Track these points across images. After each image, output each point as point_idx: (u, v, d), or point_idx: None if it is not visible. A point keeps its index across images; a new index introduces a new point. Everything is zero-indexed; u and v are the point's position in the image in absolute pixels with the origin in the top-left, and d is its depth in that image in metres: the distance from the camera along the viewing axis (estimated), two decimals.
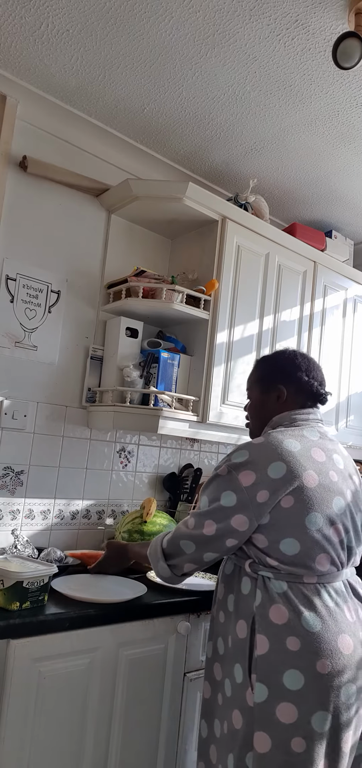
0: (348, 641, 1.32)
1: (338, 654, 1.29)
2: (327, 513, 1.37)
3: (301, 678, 1.27)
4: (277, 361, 1.62)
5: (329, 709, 1.27)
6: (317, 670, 1.28)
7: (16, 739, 1.40)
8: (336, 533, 1.38)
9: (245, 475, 1.37)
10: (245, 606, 1.38)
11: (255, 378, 1.64)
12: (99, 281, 2.33)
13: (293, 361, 1.59)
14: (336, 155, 2.31)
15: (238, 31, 1.70)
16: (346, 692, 1.30)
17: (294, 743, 1.26)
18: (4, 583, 1.47)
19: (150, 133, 2.30)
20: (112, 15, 1.70)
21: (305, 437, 1.45)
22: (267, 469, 1.36)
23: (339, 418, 2.73)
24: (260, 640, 1.32)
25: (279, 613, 1.32)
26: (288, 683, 1.28)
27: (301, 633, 1.29)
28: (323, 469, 1.41)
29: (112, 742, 1.59)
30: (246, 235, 2.34)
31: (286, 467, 1.36)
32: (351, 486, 1.48)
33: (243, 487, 1.36)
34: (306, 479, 1.36)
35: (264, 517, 1.35)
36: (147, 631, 1.67)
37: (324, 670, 1.28)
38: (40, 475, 2.14)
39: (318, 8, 1.58)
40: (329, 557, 1.37)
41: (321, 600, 1.33)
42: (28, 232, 2.13)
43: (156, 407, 2.07)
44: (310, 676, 1.27)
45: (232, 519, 1.36)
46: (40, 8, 1.70)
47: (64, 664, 1.49)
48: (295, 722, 1.26)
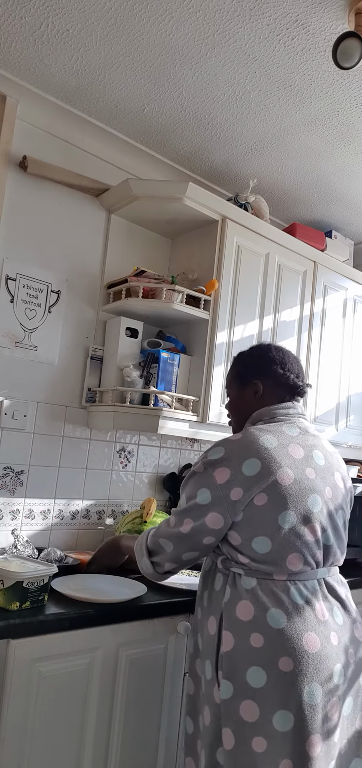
0: (314, 640, 1.29)
1: (302, 652, 1.27)
2: (301, 511, 1.35)
3: (264, 675, 1.26)
4: (252, 356, 1.62)
5: (291, 708, 1.24)
6: (279, 668, 1.25)
7: (16, 739, 1.40)
8: (311, 532, 1.36)
9: (220, 472, 1.36)
10: (216, 602, 1.39)
11: (232, 375, 1.64)
12: (99, 281, 2.33)
13: (267, 354, 1.59)
14: (336, 155, 2.31)
15: (238, 31, 1.70)
16: (310, 692, 1.25)
17: (255, 742, 1.25)
18: (4, 583, 1.47)
19: (150, 133, 2.30)
20: (112, 15, 1.70)
21: (283, 433, 1.44)
22: (241, 466, 1.35)
23: (339, 418, 2.73)
24: (226, 636, 1.32)
25: (245, 609, 1.31)
26: (252, 680, 1.27)
27: (265, 630, 1.28)
28: (300, 466, 1.39)
29: (112, 742, 1.59)
30: (246, 235, 2.34)
31: (261, 464, 1.35)
32: (333, 483, 1.45)
33: (218, 485, 1.35)
34: (280, 477, 1.34)
35: (238, 514, 1.34)
36: (147, 631, 1.67)
37: (286, 668, 1.25)
38: (40, 475, 2.14)
39: (318, 8, 1.58)
40: (302, 557, 1.34)
41: (289, 597, 1.31)
42: (28, 232, 2.13)
43: (156, 407, 2.07)
44: (273, 673, 1.26)
45: (207, 517, 1.36)
46: (40, 8, 1.70)
47: (64, 664, 1.49)
48: (257, 721, 1.25)
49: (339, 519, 1.45)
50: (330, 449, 1.53)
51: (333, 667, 1.30)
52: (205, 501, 1.36)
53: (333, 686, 1.30)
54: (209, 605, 1.42)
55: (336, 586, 1.42)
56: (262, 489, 1.33)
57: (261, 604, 1.30)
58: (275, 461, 1.36)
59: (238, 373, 1.62)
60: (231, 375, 1.65)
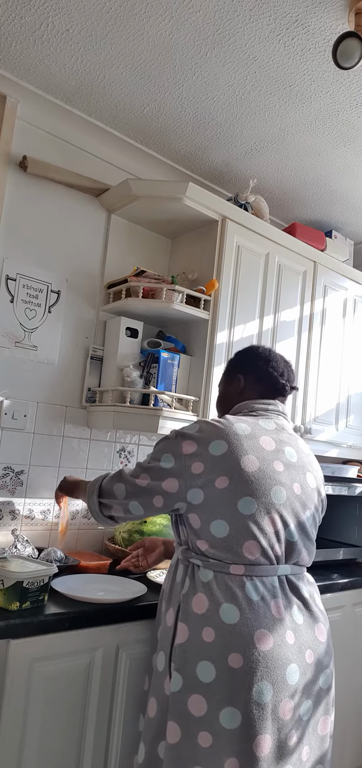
0: (267, 637, 1.27)
1: (253, 649, 1.25)
2: (263, 501, 1.34)
3: (213, 670, 1.25)
4: (240, 354, 1.68)
5: (238, 706, 1.23)
6: (228, 664, 1.25)
7: (15, 739, 1.40)
8: (270, 523, 1.34)
9: (188, 444, 1.39)
10: (175, 594, 1.40)
11: (223, 373, 1.70)
12: (99, 281, 2.33)
13: (253, 352, 1.64)
14: (336, 155, 2.31)
15: (238, 31, 1.70)
16: (259, 690, 1.23)
17: (201, 737, 1.24)
18: (4, 583, 1.47)
19: (150, 133, 2.30)
20: (112, 15, 1.70)
21: (258, 425, 1.45)
22: (209, 444, 1.37)
23: (339, 418, 2.73)
24: (181, 628, 1.33)
25: (199, 602, 1.31)
26: (201, 675, 1.26)
27: (217, 624, 1.27)
28: (267, 457, 1.39)
29: (112, 742, 1.59)
30: (246, 235, 2.34)
31: (227, 447, 1.36)
32: (303, 481, 1.44)
33: (183, 454, 1.38)
34: (244, 462, 1.35)
35: (197, 494, 1.36)
36: (147, 631, 1.66)
37: (235, 665, 1.24)
38: (40, 475, 2.14)
39: (318, 8, 1.58)
40: (259, 546, 1.32)
41: (244, 592, 1.30)
42: (28, 232, 2.13)
43: (156, 407, 2.07)
44: (222, 669, 1.25)
45: (164, 482, 1.39)
46: (40, 8, 1.70)
47: (64, 664, 1.49)
48: (204, 716, 1.24)
49: (308, 519, 1.43)
50: (306, 451, 1.53)
51: (287, 666, 1.28)
52: (167, 465, 1.40)
53: (286, 686, 1.27)
54: (170, 597, 1.43)
55: (299, 584, 1.40)
56: (224, 471, 1.34)
57: (215, 599, 1.30)
58: (242, 447, 1.37)
59: (226, 369, 1.68)
60: (223, 372, 1.71)
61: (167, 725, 1.29)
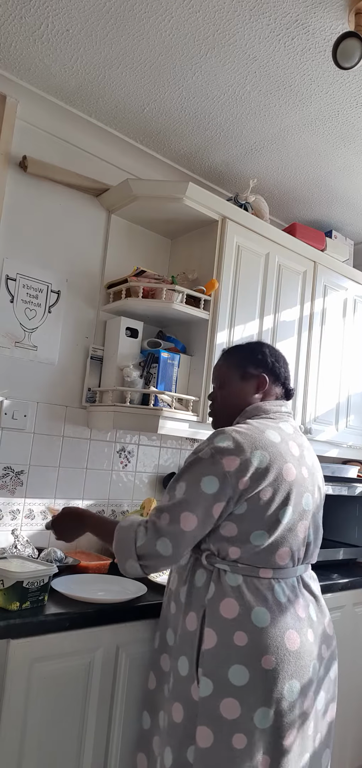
0: (295, 637, 1.31)
1: (283, 650, 1.28)
2: (298, 509, 1.37)
3: (246, 674, 1.27)
4: (257, 350, 1.57)
5: (271, 705, 1.26)
6: (262, 666, 1.27)
7: (15, 738, 1.40)
8: (302, 530, 1.39)
9: (229, 460, 1.31)
10: (197, 598, 1.37)
11: (229, 364, 1.57)
12: (99, 281, 2.33)
13: (274, 351, 1.59)
14: (336, 155, 2.31)
15: (238, 31, 1.70)
16: (290, 689, 1.28)
17: (235, 739, 1.25)
18: (4, 583, 1.47)
19: (150, 133, 2.30)
20: (112, 15, 1.70)
21: (282, 430, 1.44)
22: (252, 457, 1.32)
23: (339, 418, 2.73)
24: (208, 633, 1.31)
25: (229, 607, 1.31)
26: (233, 679, 1.27)
27: (249, 628, 1.28)
28: (298, 464, 1.41)
29: (112, 742, 1.59)
30: (246, 235, 2.34)
31: (269, 458, 1.34)
32: (318, 484, 1.49)
33: (227, 472, 1.30)
34: (285, 472, 1.35)
35: (241, 505, 1.32)
36: (147, 631, 1.66)
37: (268, 666, 1.27)
38: (40, 475, 2.14)
39: (318, 8, 1.58)
40: (290, 552, 1.36)
41: (273, 595, 1.33)
42: (28, 232, 2.13)
43: (156, 407, 2.07)
44: (255, 671, 1.26)
45: (213, 508, 1.30)
46: (40, 8, 1.70)
47: (64, 664, 1.49)
48: (238, 718, 1.26)
49: (320, 519, 1.49)
50: (312, 448, 1.56)
51: (310, 663, 1.33)
52: (212, 489, 1.30)
53: (309, 682, 1.32)
54: (188, 601, 1.39)
55: (310, 582, 1.44)
56: (269, 482, 1.33)
57: (246, 603, 1.31)
58: (281, 456, 1.37)
59: (240, 364, 1.55)
60: (228, 365, 1.57)
61: (197, 730, 1.29)
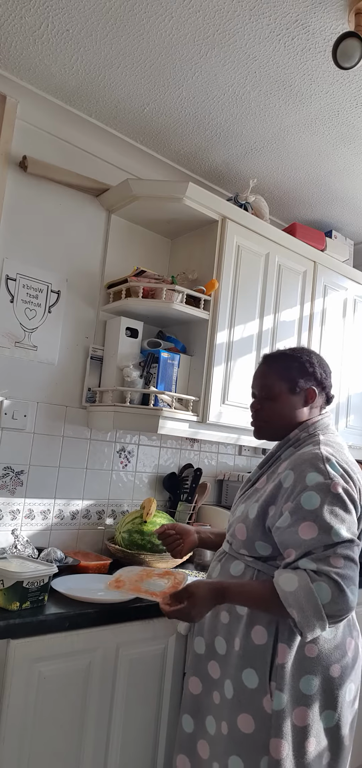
0: (352, 644, 1.40)
1: (346, 657, 1.37)
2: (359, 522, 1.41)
3: (316, 683, 1.33)
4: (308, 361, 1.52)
5: (335, 708, 1.34)
6: (330, 675, 1.34)
7: (15, 739, 1.40)
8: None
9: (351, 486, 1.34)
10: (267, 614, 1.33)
11: (278, 375, 1.51)
12: (99, 281, 2.33)
13: (322, 364, 1.55)
14: (336, 155, 2.31)
15: (238, 31, 1.70)
16: (349, 690, 1.37)
17: (308, 743, 1.32)
18: (4, 583, 1.47)
19: (150, 133, 2.30)
20: (112, 15, 1.70)
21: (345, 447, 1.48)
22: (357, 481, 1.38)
23: (339, 418, 2.73)
24: (281, 648, 1.32)
25: None
26: (304, 688, 1.32)
27: (320, 641, 1.34)
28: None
29: (112, 742, 1.59)
30: (246, 235, 2.34)
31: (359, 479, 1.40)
32: None
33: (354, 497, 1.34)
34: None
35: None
36: (147, 631, 1.67)
37: (335, 674, 1.34)
38: (40, 475, 2.14)
39: (318, 8, 1.58)
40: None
41: None
42: (28, 232, 2.13)
43: (156, 407, 2.07)
44: (323, 680, 1.34)
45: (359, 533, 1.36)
46: (40, 8, 1.70)
47: (64, 664, 1.49)
48: (308, 724, 1.32)
49: None
50: None
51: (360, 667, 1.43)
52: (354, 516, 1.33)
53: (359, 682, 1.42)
54: (251, 613, 1.36)
55: None
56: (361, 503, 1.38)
57: None
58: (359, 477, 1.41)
59: (289, 375, 1.50)
60: (277, 375, 1.51)
61: (271, 742, 1.30)
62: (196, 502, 2.45)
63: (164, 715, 1.70)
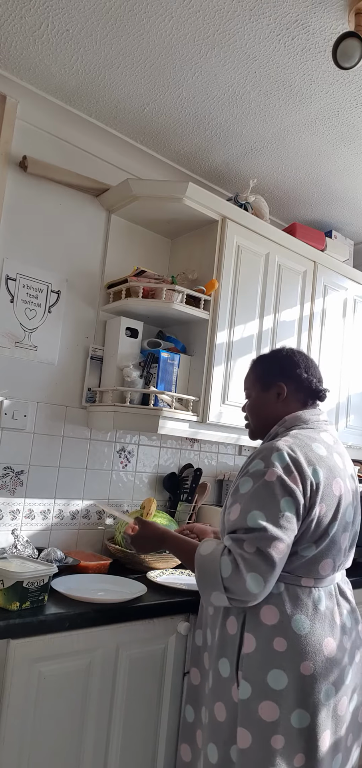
0: (332, 644, 1.34)
1: (321, 656, 1.32)
2: (342, 522, 1.39)
3: (285, 678, 1.30)
4: (276, 358, 1.61)
5: (308, 708, 1.29)
6: (301, 672, 1.30)
7: (16, 739, 1.40)
8: (344, 541, 1.41)
9: (294, 478, 1.31)
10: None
11: (254, 376, 1.61)
12: (99, 281, 2.33)
13: (291, 358, 1.58)
14: (336, 155, 2.31)
15: (238, 31, 1.70)
16: (326, 694, 1.31)
17: (274, 740, 1.28)
18: (4, 583, 1.47)
19: (150, 133, 2.30)
20: (112, 15, 1.70)
21: (325, 441, 1.45)
22: (308, 472, 1.34)
23: (339, 418, 2.73)
24: (248, 638, 1.34)
25: (270, 613, 1.33)
26: (272, 683, 1.30)
27: (289, 635, 1.31)
28: (342, 476, 1.43)
29: (112, 742, 1.59)
30: (246, 235, 2.34)
31: (321, 473, 1.36)
32: (355, 491, 1.49)
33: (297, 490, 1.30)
34: (335, 487, 1.38)
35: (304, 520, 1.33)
36: (147, 631, 1.67)
37: (307, 672, 1.30)
38: (40, 475, 2.14)
39: (318, 8, 1.58)
40: (332, 564, 1.39)
41: (314, 603, 1.35)
42: (28, 232, 2.13)
43: (156, 407, 2.07)
44: (294, 676, 1.30)
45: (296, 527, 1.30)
46: (40, 8, 1.70)
47: (64, 664, 1.49)
48: (276, 720, 1.29)
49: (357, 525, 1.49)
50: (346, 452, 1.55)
51: (345, 669, 1.36)
52: (292, 510, 1.29)
53: (344, 687, 1.35)
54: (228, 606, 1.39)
55: (345, 588, 1.46)
56: (323, 498, 1.35)
57: (286, 610, 1.33)
58: (331, 471, 1.38)
59: (261, 375, 1.59)
60: (253, 377, 1.61)
61: (237, 731, 1.32)
62: (196, 502, 2.45)
63: (164, 715, 1.70)
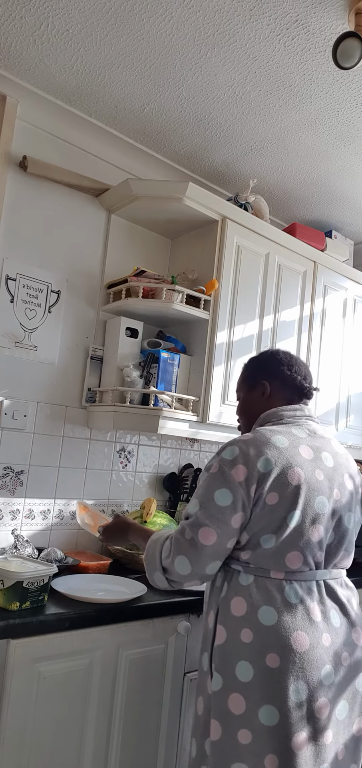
0: (303, 639, 1.29)
1: (289, 650, 1.28)
2: (308, 512, 1.36)
3: (251, 670, 1.29)
4: (260, 358, 1.66)
5: (276, 704, 1.26)
6: (266, 664, 1.28)
7: (16, 739, 1.40)
8: (315, 533, 1.36)
9: (237, 470, 1.34)
10: (214, 597, 1.42)
11: (241, 379, 1.67)
12: (99, 281, 2.33)
13: (274, 356, 1.62)
14: (336, 155, 2.31)
15: (238, 31, 1.70)
16: (296, 690, 1.26)
17: (240, 734, 1.28)
18: (4, 583, 1.47)
19: (150, 133, 2.30)
20: (112, 15, 1.70)
21: (293, 434, 1.44)
22: (256, 463, 1.35)
23: (339, 418, 2.73)
24: (219, 630, 1.36)
25: (238, 605, 1.34)
26: (240, 674, 1.30)
27: (255, 626, 1.30)
28: (309, 467, 1.40)
29: (112, 742, 1.59)
30: (246, 235, 2.34)
31: (273, 462, 1.35)
32: (341, 484, 1.45)
33: (238, 482, 1.33)
34: (290, 476, 1.36)
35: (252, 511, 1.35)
36: (147, 631, 1.67)
37: (273, 665, 1.27)
38: (40, 475, 2.14)
39: (318, 8, 1.58)
40: (302, 556, 1.35)
41: (282, 595, 1.33)
42: (28, 232, 2.13)
43: (156, 407, 2.07)
44: (260, 668, 1.28)
45: (232, 519, 1.33)
46: (40, 8, 1.70)
47: (64, 664, 1.49)
48: (243, 713, 1.28)
49: (347, 521, 1.45)
50: (340, 450, 1.53)
51: (323, 667, 1.30)
52: (227, 501, 1.33)
53: (321, 686, 1.30)
54: (210, 601, 1.45)
55: (336, 588, 1.41)
56: (273, 487, 1.34)
57: (254, 601, 1.33)
58: (286, 461, 1.37)
59: (247, 375, 1.65)
60: (241, 378, 1.68)
61: (211, 723, 1.34)
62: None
63: (164, 714, 1.70)
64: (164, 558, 1.38)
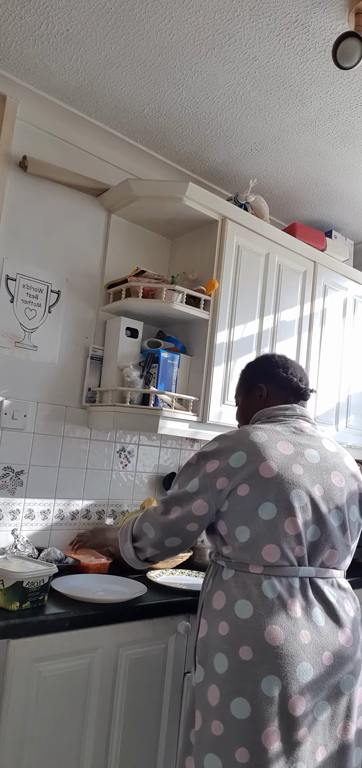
0: (278, 634, 1.28)
1: (262, 644, 1.28)
2: (283, 505, 1.35)
3: (226, 662, 1.31)
4: (256, 363, 1.72)
5: (247, 697, 1.26)
6: (239, 656, 1.30)
7: (16, 739, 1.40)
8: (291, 526, 1.35)
9: (211, 463, 1.43)
10: (202, 593, 1.49)
11: (239, 384, 1.72)
12: (99, 281, 2.33)
13: (270, 360, 1.67)
14: (336, 155, 2.31)
15: (238, 31, 1.70)
16: (268, 684, 1.25)
17: (214, 725, 1.30)
18: (4, 583, 1.47)
19: (150, 133, 2.30)
20: (112, 15, 1.70)
21: (274, 431, 1.47)
22: (229, 458, 1.42)
23: (339, 418, 2.73)
24: (202, 624, 1.41)
25: (219, 599, 1.39)
26: (217, 666, 1.33)
27: (231, 619, 1.33)
28: (286, 461, 1.40)
29: (112, 742, 1.59)
30: (246, 235, 2.34)
31: (246, 456, 1.40)
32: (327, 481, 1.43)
33: (207, 473, 1.42)
34: (262, 469, 1.38)
35: (223, 504, 1.42)
36: (147, 631, 1.67)
37: (245, 657, 1.29)
38: (40, 475, 2.14)
39: (318, 8, 1.58)
40: (279, 549, 1.34)
41: (259, 590, 1.33)
42: (28, 232, 2.13)
43: (156, 407, 2.07)
44: (233, 660, 1.30)
45: (193, 504, 1.43)
46: (40, 8, 1.70)
47: (64, 664, 1.49)
48: (217, 705, 1.30)
49: (335, 518, 1.42)
50: (333, 449, 1.51)
51: (299, 664, 1.28)
52: (193, 489, 1.44)
53: (296, 683, 1.27)
54: (200, 597, 1.51)
55: (324, 587, 1.39)
56: (245, 479, 1.38)
57: (231, 595, 1.36)
58: (259, 454, 1.40)
59: (244, 380, 1.70)
60: (238, 384, 1.72)
61: (195, 713, 1.38)
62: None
63: (164, 715, 1.70)
64: (135, 527, 1.52)
